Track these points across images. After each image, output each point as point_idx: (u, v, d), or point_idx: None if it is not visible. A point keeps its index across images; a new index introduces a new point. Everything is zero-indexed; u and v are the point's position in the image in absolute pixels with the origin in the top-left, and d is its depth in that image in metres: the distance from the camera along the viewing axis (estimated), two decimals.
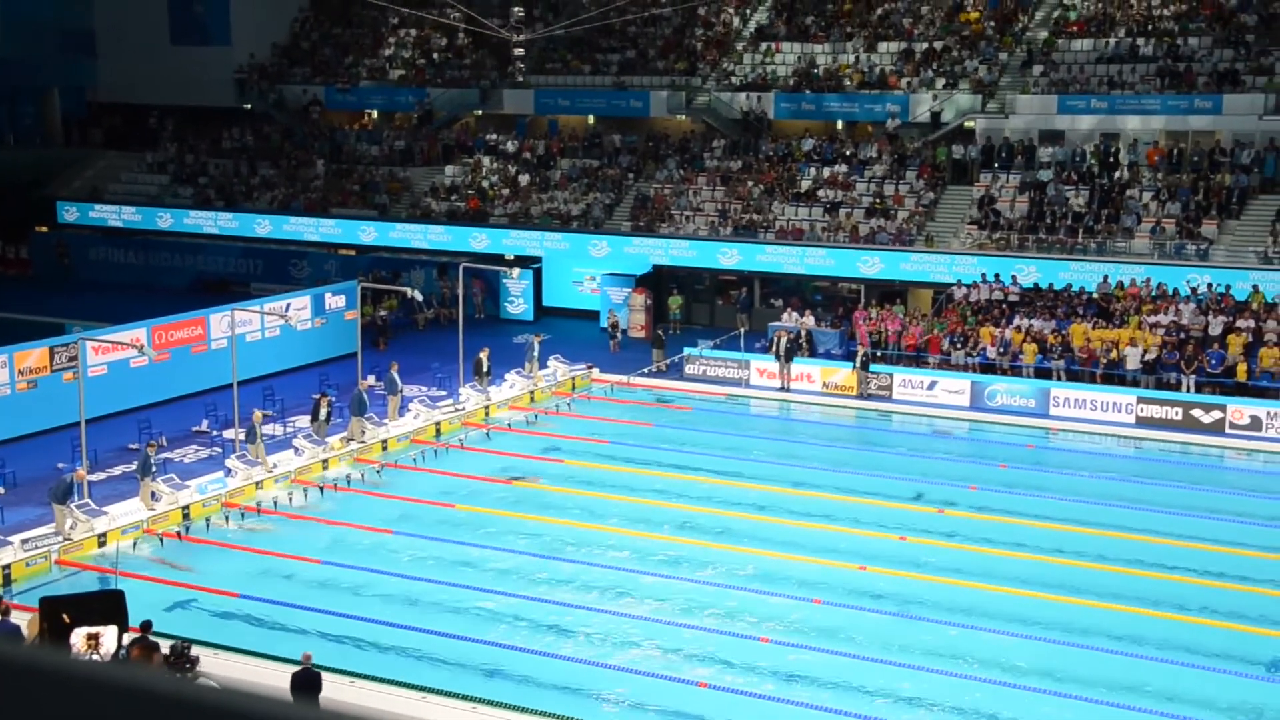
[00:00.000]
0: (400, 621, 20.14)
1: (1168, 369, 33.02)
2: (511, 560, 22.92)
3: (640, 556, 23.09)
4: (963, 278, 38.59)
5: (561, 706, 17.28)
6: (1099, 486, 27.52)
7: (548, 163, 49.67)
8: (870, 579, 22.05)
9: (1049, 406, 32.92)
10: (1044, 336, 34.54)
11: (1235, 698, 17.86)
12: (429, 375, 35.10)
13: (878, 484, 27.32)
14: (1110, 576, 22.11)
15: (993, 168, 42.87)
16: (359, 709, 3.20)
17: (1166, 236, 38.40)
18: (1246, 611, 20.72)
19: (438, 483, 27.48)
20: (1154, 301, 35.41)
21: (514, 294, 45.73)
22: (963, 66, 46.29)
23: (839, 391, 34.90)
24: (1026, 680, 18.25)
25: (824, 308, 41.30)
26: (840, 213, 42.84)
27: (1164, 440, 31.18)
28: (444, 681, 17.94)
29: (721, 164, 46.81)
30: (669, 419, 33.30)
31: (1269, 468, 29.80)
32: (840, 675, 18.40)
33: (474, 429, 31.10)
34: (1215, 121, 41.66)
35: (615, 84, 51.18)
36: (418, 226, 47.73)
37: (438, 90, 54.28)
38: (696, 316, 44.38)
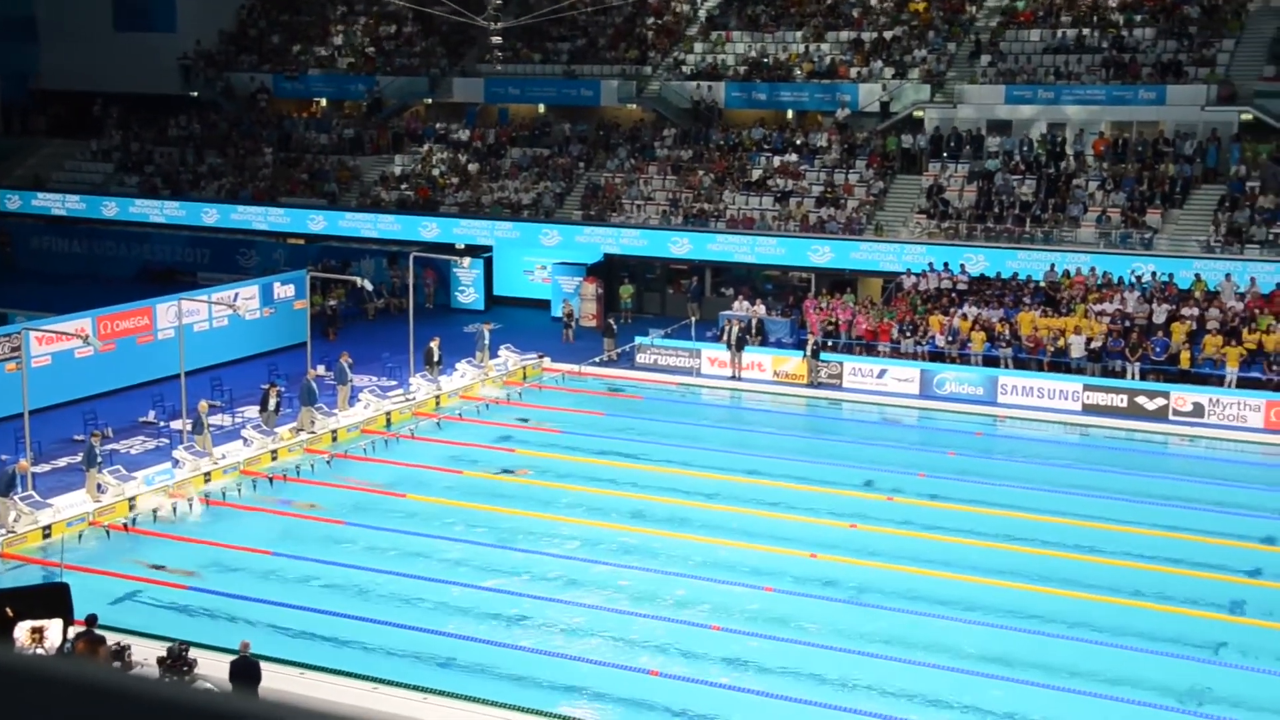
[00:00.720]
0: (351, 612, 20.04)
1: (1113, 357, 33.42)
2: (463, 550, 22.87)
3: (592, 546, 23.12)
4: (912, 267, 38.83)
5: (514, 696, 17.27)
6: (1046, 473, 27.82)
7: (498, 151, 49.48)
8: (821, 566, 22.18)
9: (997, 394, 33.22)
10: (992, 325, 34.84)
11: (1183, 680, 18.13)
12: (379, 365, 34.91)
13: (828, 472, 27.47)
14: (1058, 562, 22.37)
15: (941, 157, 43.15)
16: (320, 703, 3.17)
17: (1112, 226, 38.83)
18: (1193, 595, 21.04)
19: (389, 472, 27.36)
20: (1099, 290, 35.79)
21: (465, 283, 45.53)
22: (912, 56, 46.54)
23: (790, 380, 35.05)
24: (976, 665, 18.43)
25: (775, 296, 41.42)
26: (791, 202, 42.98)
27: (1109, 427, 31.57)
28: (396, 672, 17.88)
29: (672, 153, 46.82)
30: (620, 408, 33.31)
31: (1211, 453, 30.24)
32: (791, 662, 18.51)
33: (425, 418, 30.97)
34: (1159, 112, 42.12)
35: (566, 73, 51.04)
36: (367, 215, 47.41)
37: (387, 78, 53.90)
38: (648, 305, 44.39)
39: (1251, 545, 23.42)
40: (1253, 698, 17.57)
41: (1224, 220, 37.70)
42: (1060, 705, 17.29)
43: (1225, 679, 18.28)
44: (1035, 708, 17.22)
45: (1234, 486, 27.10)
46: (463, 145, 50.18)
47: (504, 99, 52.15)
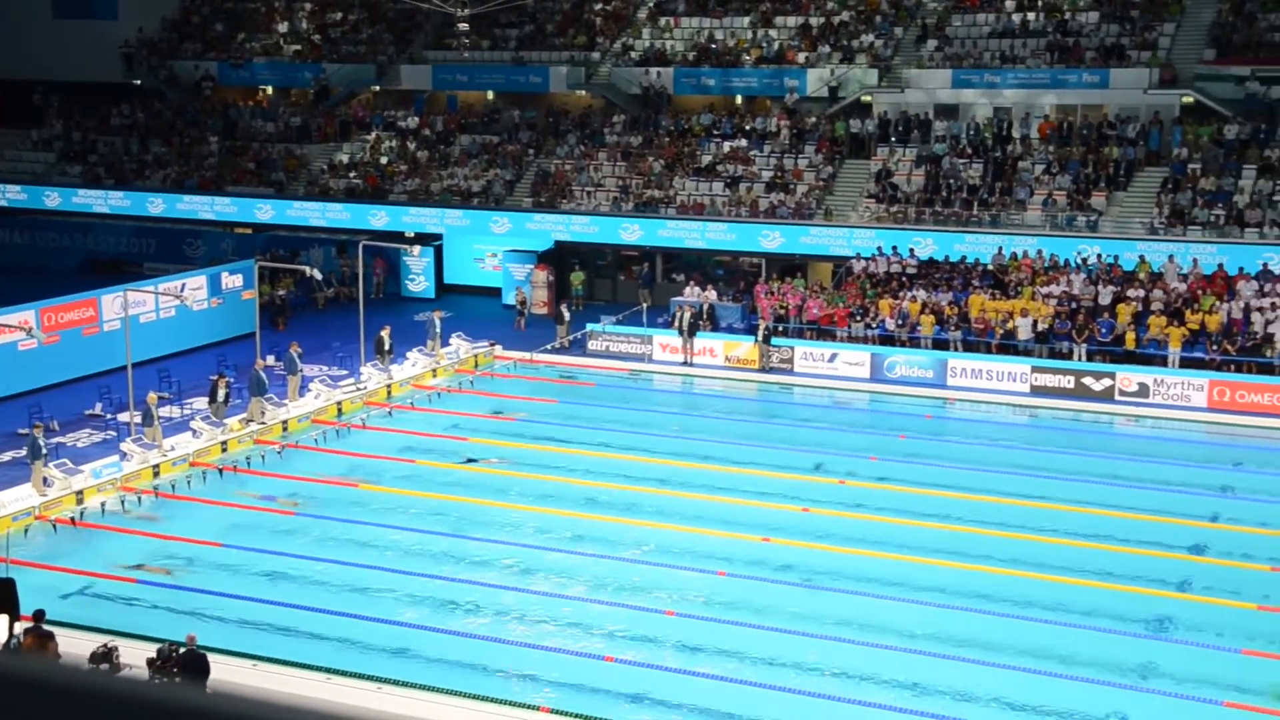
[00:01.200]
0: (303, 603, 19.94)
1: (1060, 338, 33.77)
2: (416, 539, 22.81)
3: (545, 533, 23.12)
4: (861, 251, 39.03)
5: (469, 684, 17.26)
6: (995, 454, 28.11)
7: (447, 139, 49.22)
8: (774, 550, 22.30)
9: (946, 377, 33.50)
10: (941, 308, 35.10)
11: (1128, 657, 18.40)
12: (330, 355, 34.71)
13: (780, 456, 27.60)
14: (1008, 542, 22.61)
15: (889, 142, 43.38)
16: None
17: (1057, 208, 39.20)
18: (1139, 573, 21.32)
19: (340, 462, 27.22)
20: (1046, 272, 36.15)
21: (415, 272, 45.28)
22: (859, 41, 46.72)
23: (741, 365, 35.17)
24: (927, 646, 18.61)
25: (725, 282, 41.51)
26: (740, 187, 43.06)
27: (1057, 408, 31.92)
28: (350, 662, 17.82)
29: (622, 139, 46.77)
30: (572, 395, 33.29)
31: (1156, 433, 30.65)
32: (745, 646, 18.61)
33: (376, 408, 30.83)
34: (1103, 95, 42.55)
35: (514, 59, 50.83)
36: (316, 204, 47.02)
37: (334, 66, 53.44)
38: (599, 292, 44.35)
39: (1196, 523, 23.77)
40: (1198, 672, 17.85)
41: (1167, 202, 38.16)
42: (1011, 684, 17.50)
43: (1171, 654, 18.57)
44: (986, 687, 17.42)
45: (1178, 465, 27.50)
46: (411, 133, 49.87)
47: (452, 86, 51.87)
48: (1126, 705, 17.01)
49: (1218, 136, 39.75)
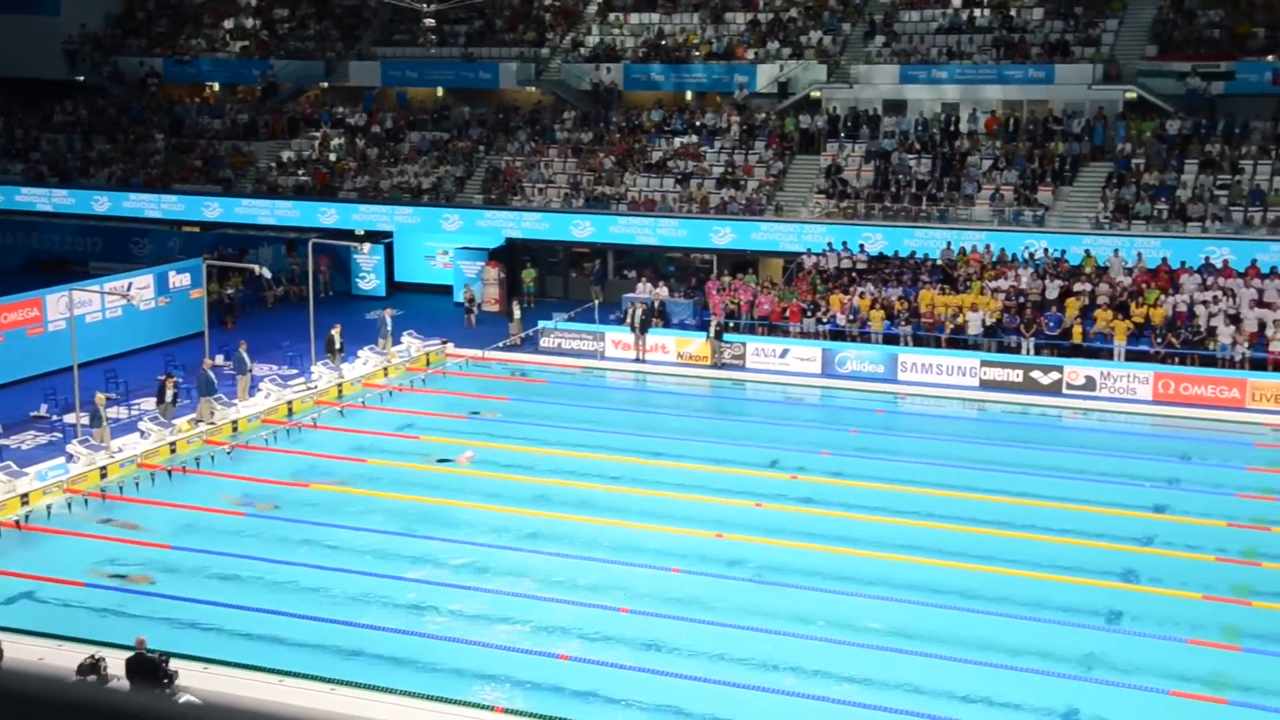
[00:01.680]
0: (255, 604, 19.80)
1: (1008, 333, 34.10)
2: (368, 539, 22.69)
3: (498, 531, 23.07)
4: (812, 246, 39.23)
5: (422, 684, 17.21)
6: (946, 448, 28.33)
7: (397, 136, 48.97)
8: (727, 546, 22.38)
9: (897, 372, 33.74)
10: (891, 303, 35.34)
11: (1075, 648, 18.61)
12: (280, 354, 34.46)
13: (733, 452, 27.70)
14: (958, 536, 22.81)
15: (839, 137, 43.60)
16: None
17: (1005, 204, 39.55)
18: (1086, 565, 21.58)
19: (291, 462, 27.03)
20: (994, 267, 36.48)
21: (365, 270, 45.05)
22: (808, 38, 46.91)
23: (693, 361, 35.27)
24: (880, 640, 18.75)
25: (677, 278, 41.61)
26: (691, 183, 43.14)
27: (1006, 402, 32.22)
28: (302, 664, 17.71)
29: (572, 136, 46.72)
30: (525, 393, 33.25)
31: (1104, 426, 31.01)
32: (699, 643, 18.66)
33: (327, 407, 30.64)
34: (1048, 91, 42.97)
35: (464, 55, 50.63)
36: (264, 202, 46.65)
37: (281, 62, 53.01)
38: (550, 289, 44.32)
39: (1143, 514, 24.09)
40: (1144, 662, 18.10)
41: (1111, 197, 38.61)
42: (960, 676, 17.66)
43: (1118, 645, 18.81)
44: (936, 679, 17.56)
45: (1125, 458, 27.84)
46: (360, 130, 49.58)
47: (401, 82, 51.60)
48: (1074, 696, 17.21)
49: (1160, 132, 40.26)
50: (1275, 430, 29.63)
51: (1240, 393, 31.06)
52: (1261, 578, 21.14)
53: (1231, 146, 39.16)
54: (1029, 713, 16.80)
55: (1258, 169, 38.38)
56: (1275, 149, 38.70)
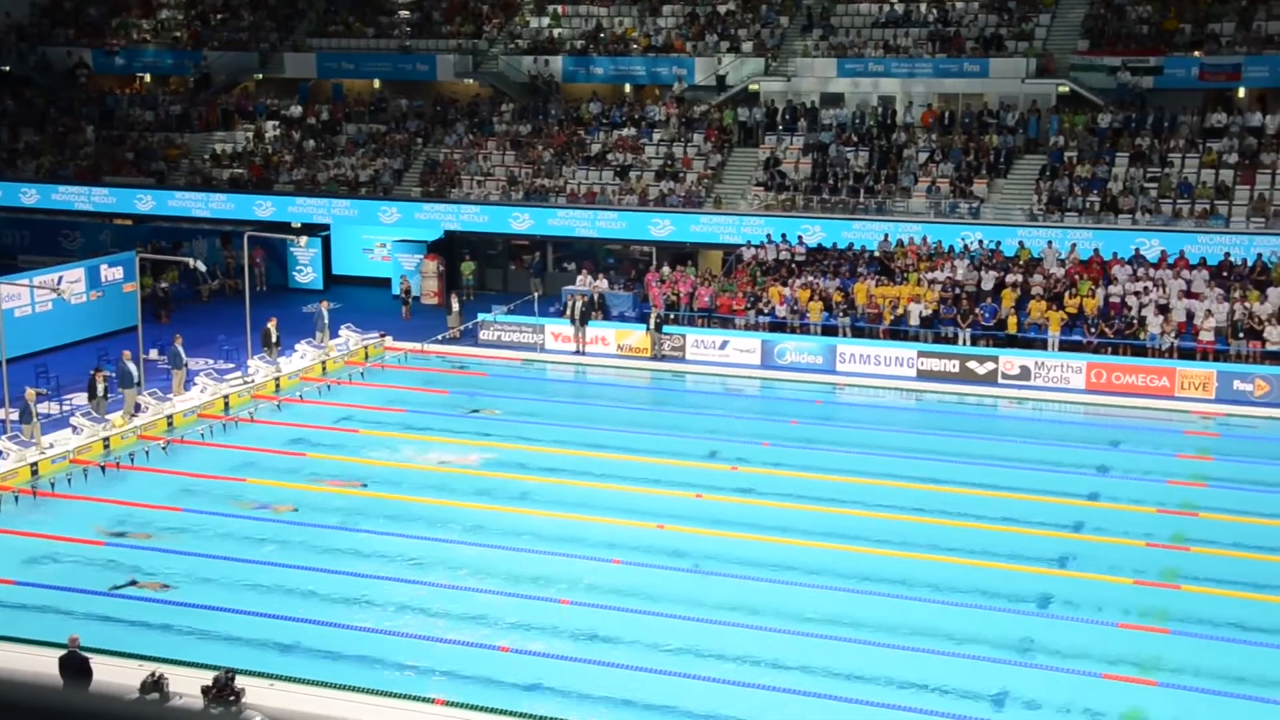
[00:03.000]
0: (192, 600, 19.62)
1: (945, 323, 34.46)
2: (306, 533, 22.53)
3: (439, 524, 23.00)
4: (751, 238, 39.40)
5: (362, 678, 17.14)
6: (884, 438, 28.60)
7: (333, 128, 48.55)
8: (668, 537, 22.46)
9: (836, 362, 33.99)
10: (830, 295, 35.59)
11: (1011, 633, 18.88)
12: (216, 348, 34.10)
13: (673, 443, 27.78)
14: (897, 525, 23.03)
15: (777, 130, 43.80)
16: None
17: (941, 196, 39.95)
18: (1021, 552, 21.88)
19: (228, 457, 26.78)
20: (931, 259, 36.84)
21: (302, 263, 44.71)
22: (746, 30, 47.07)
23: (633, 353, 35.32)
24: (820, 629, 18.91)
25: (617, 271, 41.64)
26: (630, 176, 43.16)
27: (943, 391, 32.57)
28: (239, 659, 17.52)
29: (511, 128, 46.57)
30: (464, 385, 33.16)
31: (1037, 414, 31.45)
32: (640, 633, 18.73)
33: (265, 401, 30.37)
34: (983, 84, 43.41)
35: (400, 47, 50.30)
36: (198, 195, 46.03)
37: (214, 53, 52.35)
38: (490, 282, 44.20)
39: (1076, 501, 24.46)
40: (1077, 646, 18.39)
41: (1045, 189, 39.10)
42: (898, 662, 17.86)
43: (1052, 630, 19.10)
44: (875, 666, 17.75)
45: (1058, 446, 28.25)
46: (296, 122, 49.11)
47: (337, 74, 51.16)
48: (1009, 680, 17.46)
49: (1092, 125, 40.83)
50: (1203, 418, 30.19)
51: (1170, 381, 31.60)
52: (1190, 562, 21.56)
53: (1160, 140, 39.80)
54: (965, 697, 17.01)
55: (1185, 162, 39.04)
56: (1202, 143, 39.38)
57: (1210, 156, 38.78)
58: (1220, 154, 38.75)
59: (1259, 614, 19.45)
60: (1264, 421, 30.16)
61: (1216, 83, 41.31)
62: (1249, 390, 31.06)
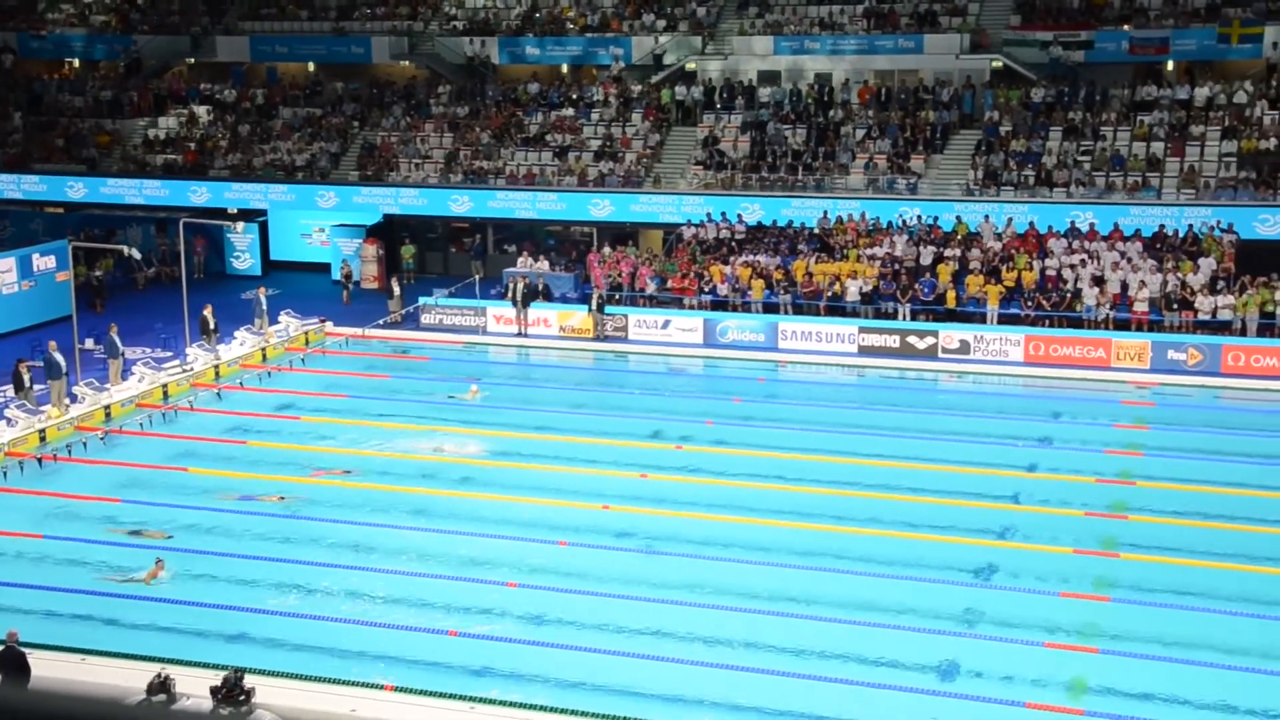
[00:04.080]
0: (133, 593, 19.41)
1: (885, 299, 34.70)
2: (249, 522, 22.35)
3: (382, 510, 22.88)
4: (691, 217, 39.44)
5: (309, 666, 17.04)
6: (826, 414, 28.76)
7: (268, 112, 47.99)
8: (614, 517, 22.50)
9: (777, 340, 34.14)
10: (770, 272, 35.71)
11: (955, 605, 19.11)
12: (153, 336, 33.67)
13: (617, 424, 27.80)
14: (839, 500, 23.21)
15: (715, 109, 43.83)
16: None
17: (879, 172, 40.18)
18: (963, 524, 22.14)
19: (168, 446, 26.48)
20: (870, 235, 37.07)
21: (239, 249, 44.22)
22: (682, 9, 47.01)
23: (576, 334, 35.29)
24: (767, 605, 19.03)
25: (558, 252, 41.55)
26: (569, 157, 43.03)
27: (884, 367, 32.82)
28: (183, 651, 17.40)
29: (448, 110, 46.26)
30: (407, 370, 33.00)
31: (978, 388, 31.79)
32: (588, 614, 18.76)
33: (204, 389, 30.05)
34: (918, 60, 43.67)
35: (335, 30, 49.77)
36: (132, 182, 45.36)
37: (145, 37, 51.55)
38: (430, 265, 43.97)
39: (1016, 473, 24.76)
40: (1020, 616, 18.66)
41: (981, 164, 39.45)
42: (845, 637, 18.01)
43: (995, 600, 19.35)
44: (822, 641, 17.89)
45: (998, 419, 28.58)
46: (231, 106, 48.49)
47: (271, 58, 50.55)
48: (955, 651, 17.68)
49: (1026, 100, 41.21)
50: (1139, 388, 30.65)
51: (1106, 353, 32.04)
52: (1128, 530, 21.91)
53: (1093, 114, 40.25)
54: (912, 669, 17.21)
55: (1117, 135, 39.52)
56: (1133, 116, 39.87)
57: (1141, 129, 39.29)
58: (1151, 127, 39.26)
59: (1196, 579, 19.81)
60: (1197, 390, 30.67)
61: (1146, 56, 41.83)
62: (1183, 360, 31.57)
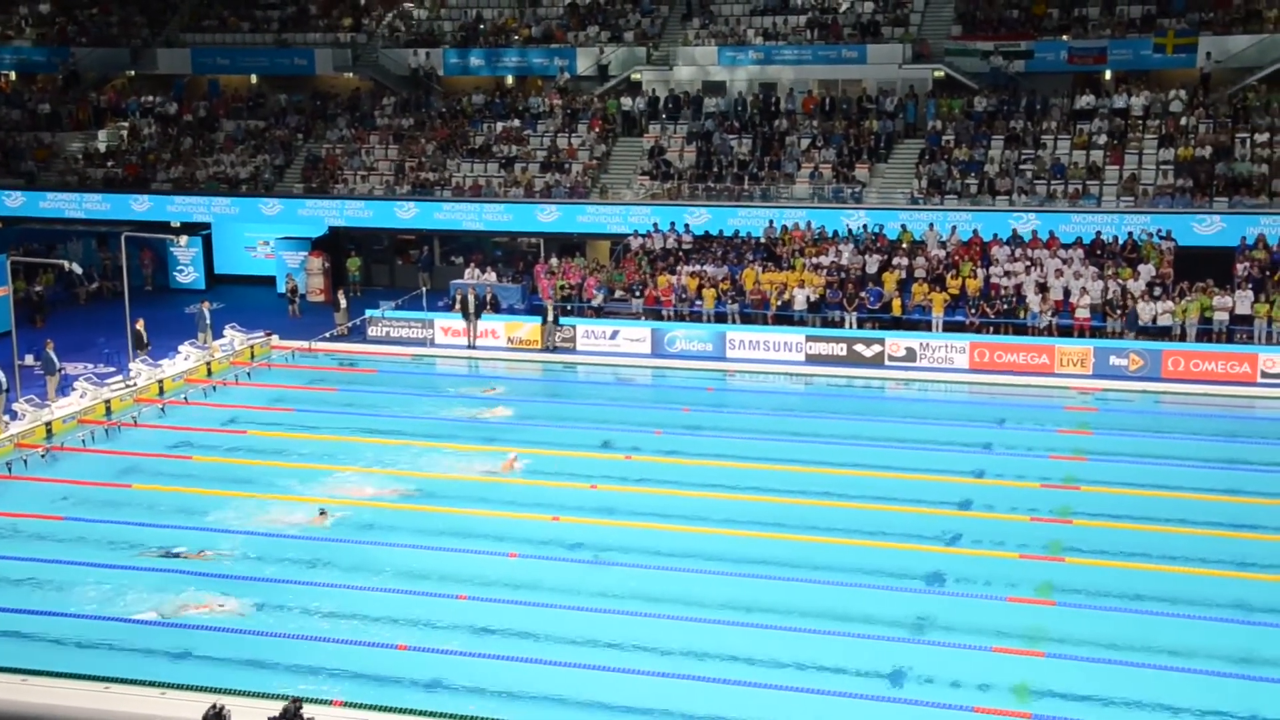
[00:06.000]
0: (76, 611, 19.16)
1: (832, 308, 34.92)
2: (197, 537, 22.09)
3: (334, 524, 22.70)
4: (638, 228, 39.52)
5: (255, 683, 16.87)
6: (774, 423, 28.90)
7: (211, 125, 47.59)
8: (563, 529, 22.46)
9: (725, 349, 34.26)
10: (717, 282, 35.82)
11: (904, 611, 19.23)
12: (95, 352, 33.27)
13: (566, 434, 27.77)
14: (789, 508, 23.29)
15: (660, 119, 43.96)
16: None
17: (824, 181, 40.45)
18: (911, 531, 22.29)
19: (111, 463, 26.15)
20: (816, 244, 37.30)
21: (183, 262, 43.84)
22: (626, 20, 47.13)
23: (524, 345, 35.24)
24: (717, 614, 19.06)
25: (505, 263, 41.49)
26: (516, 168, 42.98)
27: (831, 375, 33.02)
28: (128, 670, 17.19)
29: (393, 122, 46.08)
30: (354, 383, 32.80)
31: (924, 395, 32.04)
32: (540, 626, 18.71)
33: (149, 404, 29.70)
34: (861, 70, 44.02)
35: (277, 41, 49.44)
36: (72, 195, 44.78)
37: (83, 50, 50.97)
38: (377, 277, 43.79)
39: (963, 479, 24.98)
40: (968, 621, 18.80)
41: (925, 172, 39.81)
42: (799, 645, 18.08)
43: (944, 606, 19.50)
44: (772, 649, 17.94)
45: (945, 425, 28.83)
46: (172, 119, 48.03)
47: (213, 70, 50.14)
48: (904, 658, 17.79)
49: (968, 109, 41.66)
50: (1082, 394, 31.04)
51: (1049, 359, 32.42)
52: (1074, 535, 22.17)
53: (1033, 122, 40.76)
54: (861, 676, 17.29)
55: (1058, 144, 40.03)
56: (1073, 124, 40.40)
57: (1081, 138, 39.83)
58: (1090, 135, 39.81)
59: (1140, 583, 20.05)
60: (1139, 395, 31.10)
61: (1084, 66, 42.43)
62: (1124, 365, 32.00)
